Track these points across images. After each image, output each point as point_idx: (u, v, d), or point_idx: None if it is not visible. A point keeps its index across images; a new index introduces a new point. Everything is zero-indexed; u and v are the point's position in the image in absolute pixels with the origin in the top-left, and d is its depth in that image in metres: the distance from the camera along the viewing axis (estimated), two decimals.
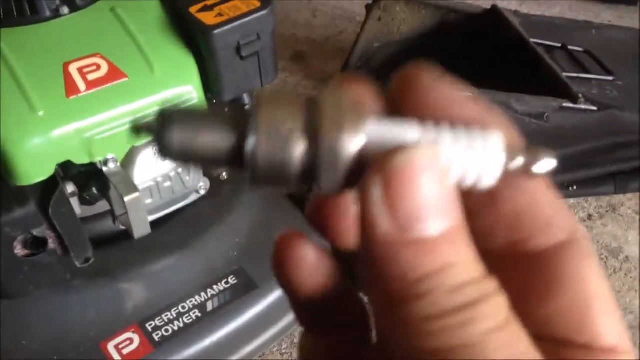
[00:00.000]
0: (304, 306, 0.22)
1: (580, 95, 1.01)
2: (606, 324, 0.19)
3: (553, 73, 1.05)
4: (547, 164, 0.19)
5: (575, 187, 1.07)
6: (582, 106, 1.01)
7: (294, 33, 1.63)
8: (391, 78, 0.21)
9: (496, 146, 0.18)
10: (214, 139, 0.18)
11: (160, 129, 0.18)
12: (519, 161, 0.19)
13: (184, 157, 0.18)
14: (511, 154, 0.19)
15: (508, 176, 0.19)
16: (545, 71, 1.07)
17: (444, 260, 0.17)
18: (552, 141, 1.03)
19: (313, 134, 0.18)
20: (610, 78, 1.11)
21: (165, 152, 0.18)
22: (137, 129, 0.19)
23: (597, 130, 1.04)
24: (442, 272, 0.17)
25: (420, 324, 0.17)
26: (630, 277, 0.97)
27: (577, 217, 1.07)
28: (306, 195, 0.97)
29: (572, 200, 1.09)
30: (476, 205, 0.20)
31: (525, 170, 0.19)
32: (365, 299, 0.21)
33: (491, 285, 0.17)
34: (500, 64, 1.12)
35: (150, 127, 0.18)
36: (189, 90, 0.73)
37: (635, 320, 0.91)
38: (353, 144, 0.18)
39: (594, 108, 1.02)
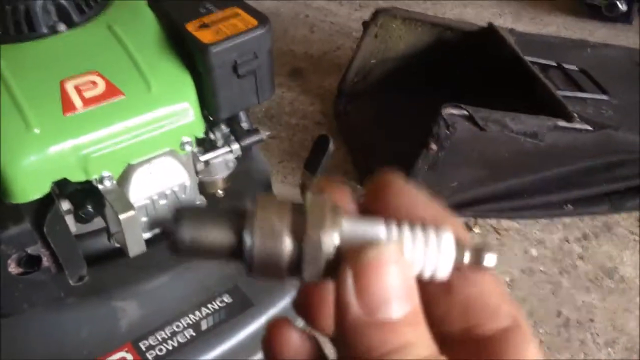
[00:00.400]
0: None
1: (575, 115, 1.02)
2: None
3: (548, 92, 1.06)
4: (491, 258, 0.23)
5: (570, 206, 1.07)
6: (577, 125, 1.02)
7: (292, 49, 1.63)
8: (365, 182, 0.25)
9: (448, 243, 0.22)
10: (219, 238, 0.22)
11: (174, 228, 0.22)
12: (467, 256, 0.22)
13: (192, 251, 0.22)
14: (460, 250, 0.22)
15: (458, 269, 0.23)
16: (540, 90, 1.07)
17: (405, 339, 0.20)
18: (547, 160, 1.04)
19: (299, 233, 0.22)
20: (605, 97, 1.12)
21: (177, 246, 0.22)
22: (153, 225, 0.24)
23: (592, 149, 1.04)
24: (404, 349, 0.20)
25: None
26: (625, 298, 0.97)
27: (573, 237, 1.07)
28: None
29: (567, 219, 1.09)
30: (433, 295, 0.23)
31: (473, 264, 0.23)
32: None
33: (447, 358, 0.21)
34: (495, 82, 1.13)
35: (165, 225, 0.22)
36: (185, 108, 0.73)
37: (630, 342, 0.91)
38: (331, 240, 0.22)
39: (589, 127, 1.03)
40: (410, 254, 0.22)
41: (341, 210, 0.23)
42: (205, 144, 0.81)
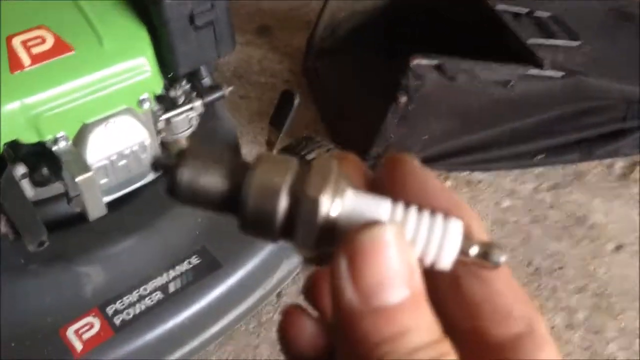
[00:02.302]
0: None
1: (546, 62, 1.00)
2: None
3: (517, 40, 1.04)
4: (499, 256, 0.21)
5: (541, 156, 1.07)
6: (547, 73, 1.00)
7: (259, 6, 1.59)
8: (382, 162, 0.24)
9: (454, 233, 0.21)
10: (216, 186, 0.21)
11: (175, 168, 0.21)
12: (474, 250, 0.21)
13: (189, 195, 0.21)
14: (467, 242, 0.21)
15: (465, 263, 0.21)
16: (510, 38, 1.06)
17: (401, 327, 0.19)
18: (517, 109, 1.02)
19: (297, 193, 0.20)
20: (576, 44, 1.10)
21: (174, 189, 0.21)
22: (156, 164, 0.22)
23: (562, 97, 1.03)
24: (400, 337, 0.19)
25: None
26: (595, 245, 0.97)
27: (544, 186, 1.07)
28: None
29: (538, 169, 1.09)
30: (441, 290, 0.22)
31: (480, 259, 0.21)
32: None
33: (444, 348, 0.20)
34: (465, 31, 1.11)
35: (167, 164, 0.21)
36: (141, 63, 0.70)
37: (600, 288, 0.92)
38: (330, 205, 0.20)
39: (560, 74, 1.01)
40: (413, 236, 0.21)
41: (348, 179, 0.21)
42: (166, 102, 0.78)
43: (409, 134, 1.04)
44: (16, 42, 0.66)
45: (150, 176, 0.81)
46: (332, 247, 0.21)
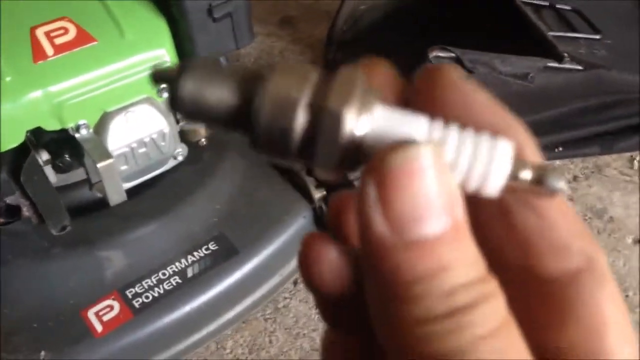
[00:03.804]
0: (327, 303, 0.22)
1: (566, 55, 0.99)
2: (621, 352, 0.18)
3: (539, 32, 1.03)
4: (558, 181, 0.18)
5: (560, 149, 1.06)
6: (568, 65, 1.00)
7: None
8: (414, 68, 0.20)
9: (503, 155, 0.18)
10: (224, 97, 0.18)
11: (177, 78, 0.18)
12: (527, 175, 0.18)
13: (193, 109, 0.18)
14: (518, 166, 0.18)
15: (516, 190, 0.18)
16: (530, 31, 1.05)
17: (439, 263, 0.16)
18: (537, 102, 1.02)
19: (318, 106, 0.17)
20: (598, 37, 1.09)
21: (176, 101, 0.18)
22: (156, 75, 0.19)
23: (583, 90, 1.02)
24: (437, 275, 0.16)
25: (413, 327, 0.16)
26: (614, 238, 0.97)
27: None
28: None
29: (558, 162, 1.08)
30: (486, 219, 0.19)
31: (533, 185, 0.18)
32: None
33: (488, 287, 0.17)
34: (486, 24, 1.10)
35: (168, 74, 0.19)
36: (161, 54, 0.72)
37: (617, 281, 0.91)
38: (355, 121, 0.17)
39: (580, 67, 1.00)
40: (454, 158, 0.18)
41: (377, 93, 0.18)
42: None
43: None
44: (40, 32, 0.68)
45: (170, 164, 0.83)
46: (357, 169, 0.18)
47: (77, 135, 0.70)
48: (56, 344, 0.73)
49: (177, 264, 0.81)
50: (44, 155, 0.71)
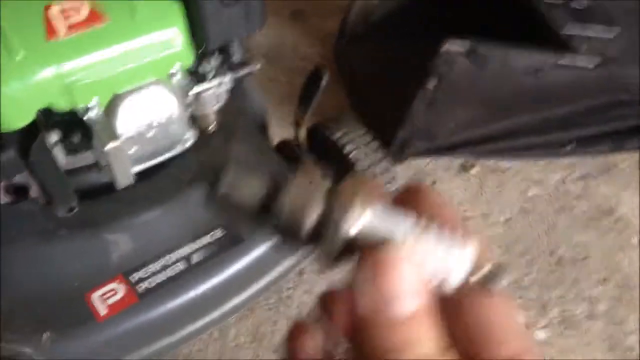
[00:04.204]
0: None
1: (580, 51, 0.99)
2: None
3: (552, 29, 1.03)
4: (499, 282, 0.23)
5: (570, 146, 1.05)
6: (580, 62, 0.99)
7: None
8: None
9: (468, 255, 0.23)
10: (251, 202, 0.24)
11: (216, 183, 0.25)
12: (481, 274, 0.23)
13: (229, 207, 0.25)
14: (477, 266, 0.23)
15: (470, 288, 0.23)
16: (544, 27, 1.04)
17: (408, 337, 0.21)
18: (548, 99, 1.01)
19: (325, 216, 0.24)
20: (612, 34, 1.08)
21: (215, 200, 0.25)
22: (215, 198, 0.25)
23: (594, 88, 1.01)
24: (406, 347, 0.21)
25: None
26: (622, 237, 0.96)
27: (572, 177, 1.05)
28: (295, 151, 0.96)
29: (567, 160, 1.08)
30: (450, 315, 0.23)
31: (483, 283, 0.23)
32: None
33: (450, 356, 0.21)
34: (500, 18, 1.09)
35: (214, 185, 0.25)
36: (173, 36, 0.71)
37: (623, 279, 0.91)
38: (351, 227, 0.23)
39: (593, 64, 1.00)
40: (425, 256, 0.23)
41: (371, 199, 0.24)
42: (196, 77, 0.79)
43: (436, 120, 1.04)
44: (53, 11, 0.68)
45: (179, 148, 0.82)
46: (351, 260, 0.23)
47: (86, 116, 0.69)
48: (60, 325, 0.73)
49: (182, 249, 0.81)
50: (54, 136, 0.70)
